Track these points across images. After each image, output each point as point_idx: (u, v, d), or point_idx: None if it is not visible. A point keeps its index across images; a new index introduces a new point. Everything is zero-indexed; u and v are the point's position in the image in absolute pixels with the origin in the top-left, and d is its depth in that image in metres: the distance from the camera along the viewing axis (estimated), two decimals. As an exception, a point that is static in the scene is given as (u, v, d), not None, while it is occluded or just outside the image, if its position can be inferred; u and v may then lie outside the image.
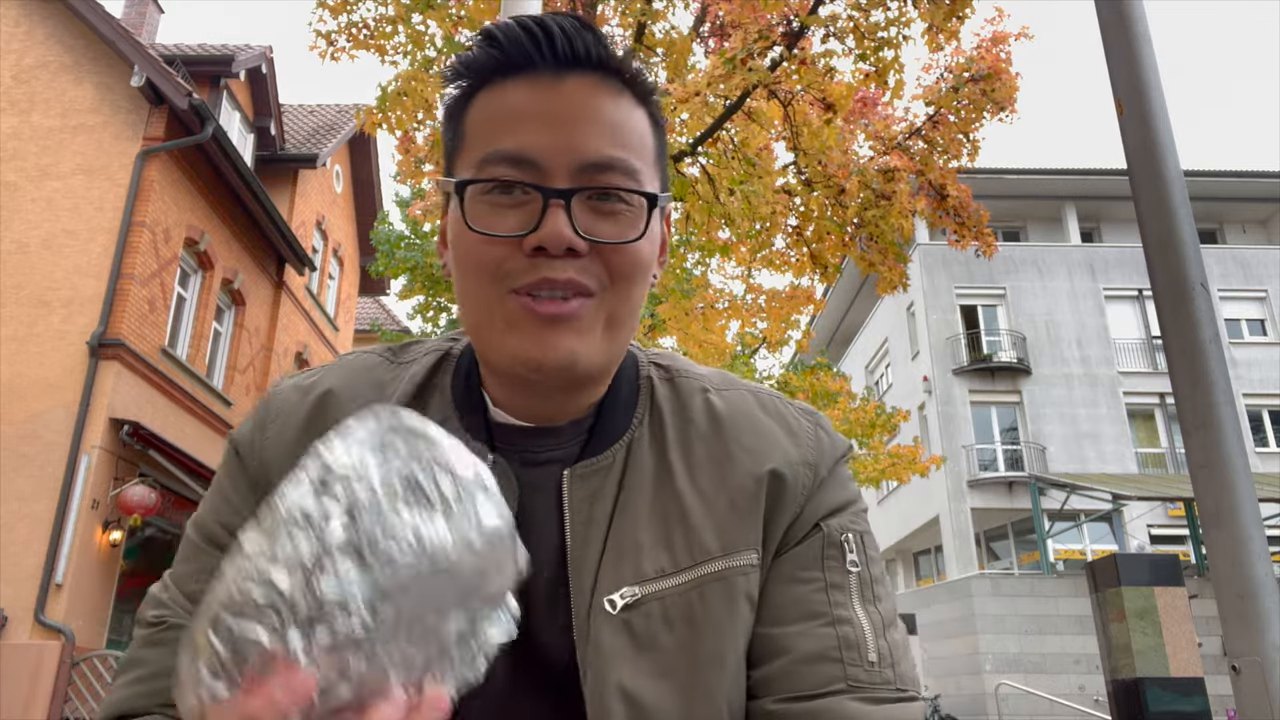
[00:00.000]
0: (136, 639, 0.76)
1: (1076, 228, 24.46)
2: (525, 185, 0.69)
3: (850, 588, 0.75)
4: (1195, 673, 7.44)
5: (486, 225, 0.70)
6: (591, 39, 0.72)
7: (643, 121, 0.75)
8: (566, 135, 0.70)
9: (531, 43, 0.71)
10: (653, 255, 0.75)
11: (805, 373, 14.81)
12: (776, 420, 0.81)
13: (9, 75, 11.43)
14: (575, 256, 0.69)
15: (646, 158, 0.74)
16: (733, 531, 0.75)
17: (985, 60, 10.25)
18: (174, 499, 11.43)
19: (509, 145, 0.70)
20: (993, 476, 21.38)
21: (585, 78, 0.72)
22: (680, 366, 0.86)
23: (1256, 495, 1.58)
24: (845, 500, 0.80)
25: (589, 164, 0.70)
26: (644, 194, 0.72)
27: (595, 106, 0.71)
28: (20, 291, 10.53)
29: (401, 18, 7.97)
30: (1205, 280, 1.70)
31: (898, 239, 9.81)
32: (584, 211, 0.70)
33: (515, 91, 0.72)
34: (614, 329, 0.73)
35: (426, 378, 0.81)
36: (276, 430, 0.78)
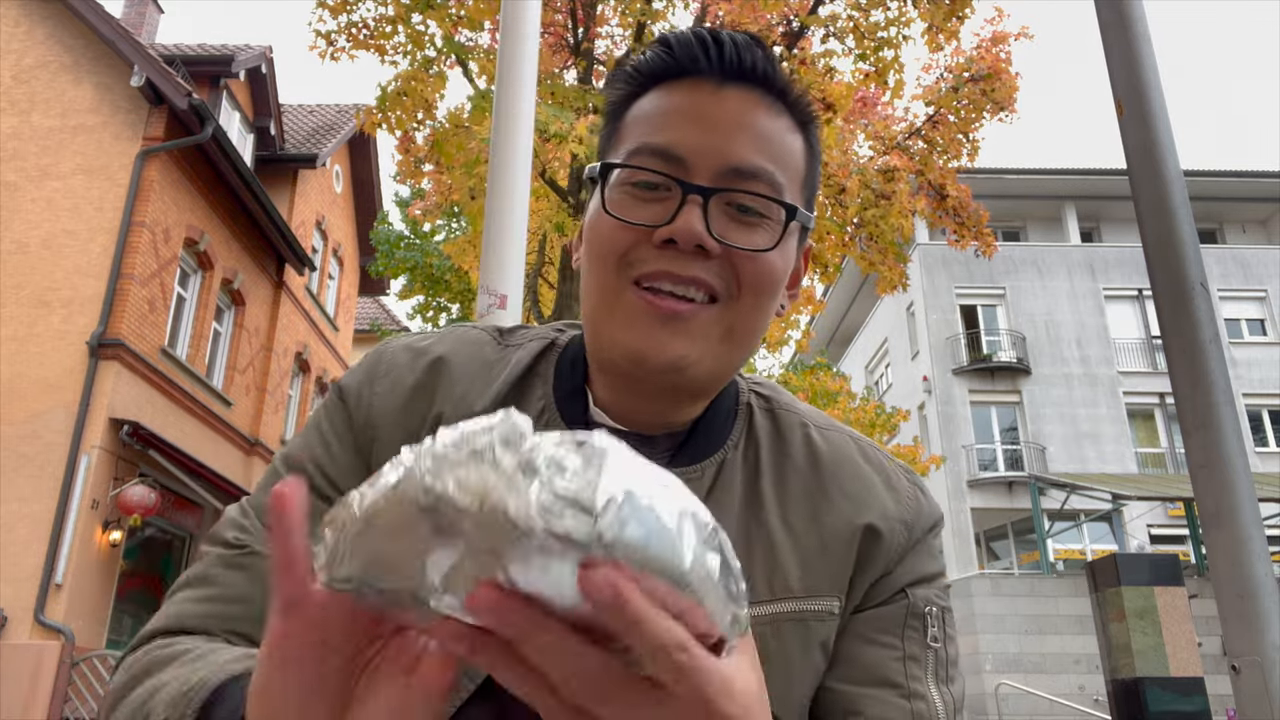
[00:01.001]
0: (209, 557, 0.73)
1: (1076, 228, 24.47)
2: (667, 178, 0.70)
3: (927, 663, 0.74)
4: (1195, 673, 7.45)
5: (624, 213, 0.71)
6: (760, 55, 0.74)
7: (798, 144, 0.76)
8: (718, 138, 0.71)
9: (701, 49, 0.73)
10: (784, 273, 0.74)
11: (805, 373, 14.82)
12: (878, 472, 0.80)
13: (9, 75, 11.43)
14: (704, 257, 0.69)
15: (794, 178, 0.74)
16: (818, 575, 0.74)
17: (985, 60, 10.25)
18: (174, 499, 11.43)
19: (659, 139, 0.71)
20: (993, 476, 21.38)
21: (748, 91, 0.73)
22: (782, 399, 0.85)
23: (1256, 495, 1.58)
24: (934, 572, 0.79)
25: (734, 168, 0.70)
26: (784, 204, 0.72)
27: (753, 117, 0.72)
28: (20, 291, 10.53)
29: (401, 18, 7.97)
30: (1205, 280, 1.70)
31: (898, 239, 9.82)
32: (721, 215, 0.70)
33: (676, 93, 0.73)
34: (732, 341, 0.72)
35: (531, 364, 0.80)
36: (386, 386, 0.77)
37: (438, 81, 8.06)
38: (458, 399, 0.76)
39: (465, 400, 0.76)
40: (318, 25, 8.39)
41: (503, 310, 2.38)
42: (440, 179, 9.85)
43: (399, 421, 0.76)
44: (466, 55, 8.27)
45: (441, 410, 0.76)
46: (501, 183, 2.52)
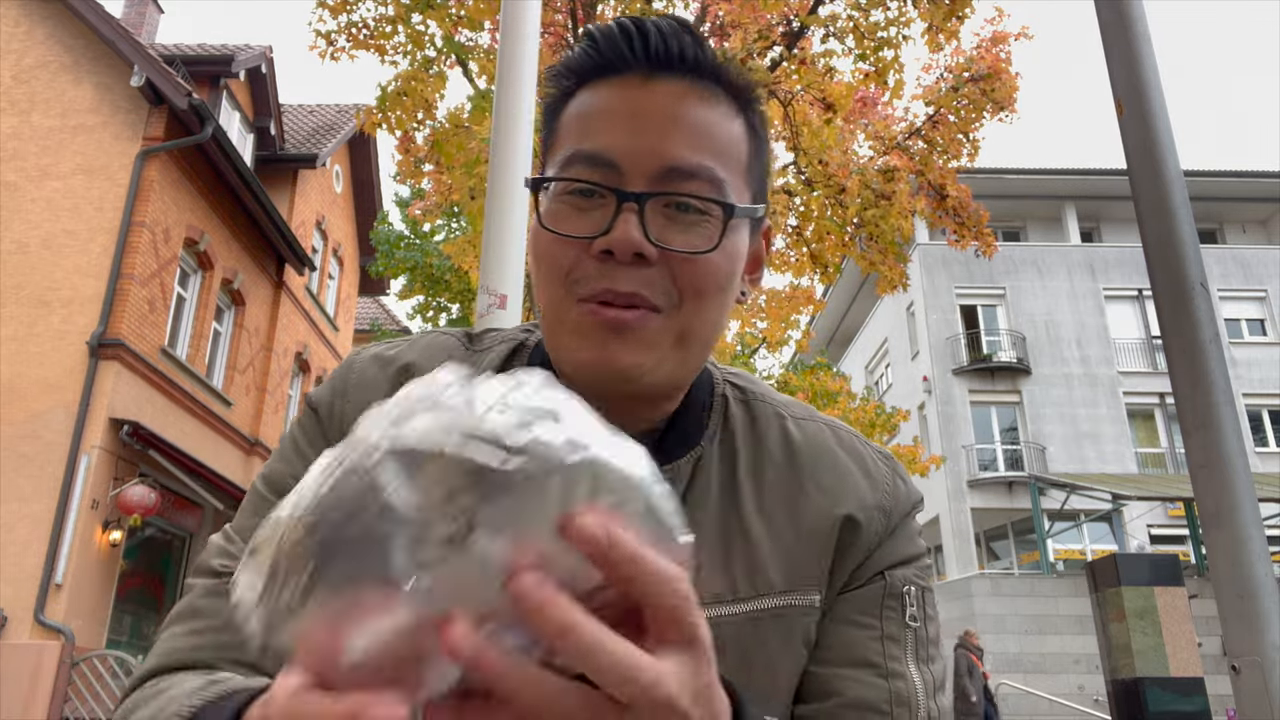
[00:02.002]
0: (197, 589, 0.71)
1: (1076, 228, 24.47)
2: (601, 187, 0.68)
3: (906, 642, 0.74)
4: (1195, 673, 7.45)
5: (560, 225, 0.69)
6: (690, 41, 0.71)
7: (738, 129, 0.73)
8: (650, 138, 0.68)
9: (626, 42, 0.70)
10: (732, 271, 0.72)
11: (805, 373, 14.82)
12: (854, 460, 0.80)
13: (9, 75, 11.43)
14: (644, 264, 0.67)
15: (735, 168, 0.72)
16: (799, 570, 0.73)
17: (985, 60, 10.25)
18: (174, 499, 11.43)
19: (590, 145, 0.69)
20: (993, 476, 21.38)
21: (678, 81, 0.70)
22: (757, 390, 0.84)
23: (1256, 495, 1.58)
24: (913, 554, 0.79)
25: (670, 169, 0.68)
26: (721, 204, 0.69)
27: (684, 110, 0.69)
28: (20, 291, 10.53)
29: (401, 18, 7.97)
30: (1205, 280, 1.70)
31: (898, 239, 9.82)
32: (658, 218, 0.68)
33: (606, 92, 0.71)
34: (685, 346, 0.70)
35: (502, 367, 0.80)
36: (358, 398, 0.77)
37: (438, 81, 8.06)
38: None
39: None
40: (318, 25, 8.39)
41: (503, 310, 2.39)
42: (440, 179, 9.85)
43: None
44: (466, 55, 8.27)
45: None
46: (501, 183, 2.52)
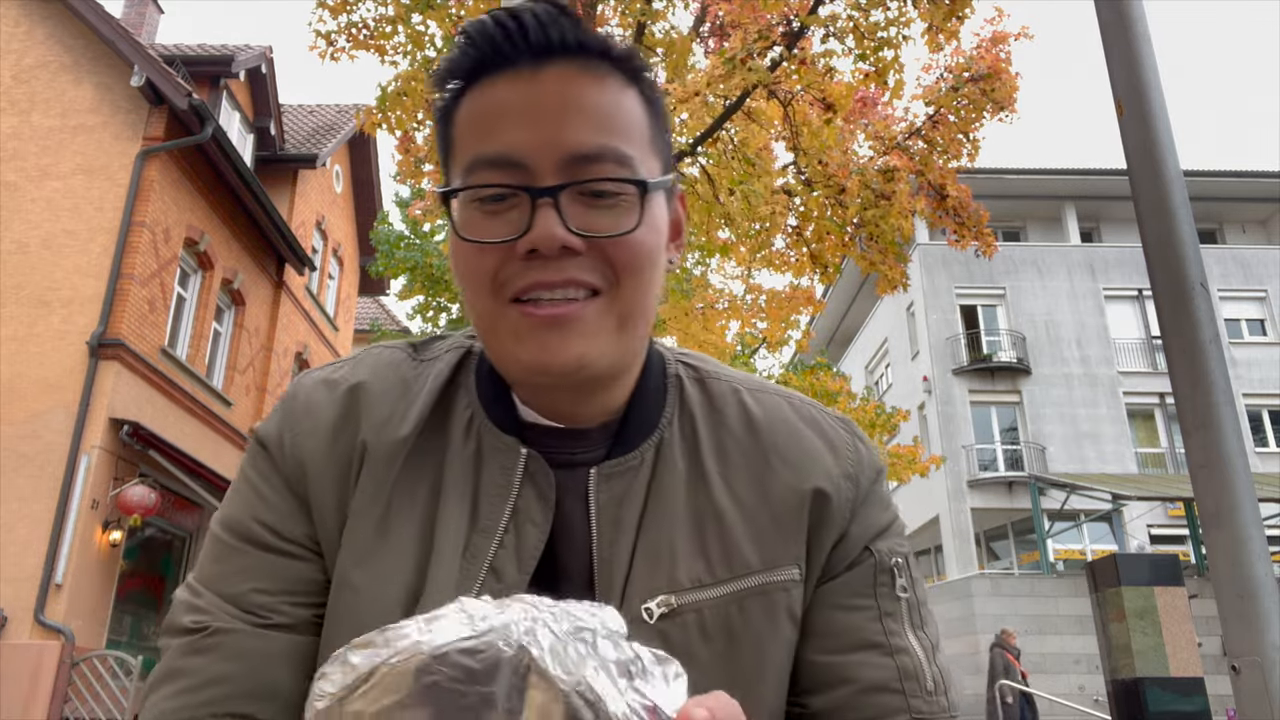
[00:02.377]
0: (173, 649, 0.70)
1: (1076, 228, 24.46)
2: (511, 188, 0.67)
3: (902, 615, 0.75)
4: (1195, 673, 7.44)
5: (478, 233, 0.68)
6: (568, 23, 0.69)
7: (633, 102, 0.72)
8: (549, 129, 0.67)
9: (505, 36, 0.69)
10: (658, 242, 0.72)
11: (805, 373, 14.82)
12: (815, 431, 0.80)
13: (9, 75, 11.43)
14: (572, 255, 0.66)
15: (639, 141, 0.71)
16: (774, 546, 0.73)
17: (985, 60, 10.25)
18: (174, 499, 11.43)
19: (492, 148, 0.68)
20: (993, 476, 21.38)
21: (566, 66, 0.69)
22: (709, 367, 0.84)
23: (1256, 495, 1.58)
24: (889, 521, 0.79)
25: (575, 156, 0.67)
26: (633, 181, 0.68)
27: (577, 94, 0.68)
28: (20, 291, 10.53)
29: (401, 18, 7.97)
30: (1205, 280, 1.70)
31: (898, 239, 9.82)
32: (575, 206, 0.67)
33: (496, 89, 0.69)
34: (627, 326, 0.70)
35: (451, 375, 0.79)
36: (308, 426, 0.76)
37: (438, 81, 8.05)
38: (380, 425, 0.75)
39: (389, 426, 0.75)
40: (318, 25, 8.39)
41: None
42: (440, 179, 9.83)
43: (327, 458, 0.74)
44: (466, 55, 8.25)
45: (365, 439, 0.74)
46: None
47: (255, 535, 0.73)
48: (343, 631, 0.67)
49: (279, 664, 0.69)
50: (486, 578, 0.69)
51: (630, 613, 0.69)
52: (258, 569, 0.72)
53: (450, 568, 0.69)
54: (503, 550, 0.70)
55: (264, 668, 0.69)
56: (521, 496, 0.71)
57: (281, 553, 0.73)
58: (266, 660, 0.69)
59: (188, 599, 0.72)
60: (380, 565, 0.70)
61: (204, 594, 0.72)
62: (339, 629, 0.69)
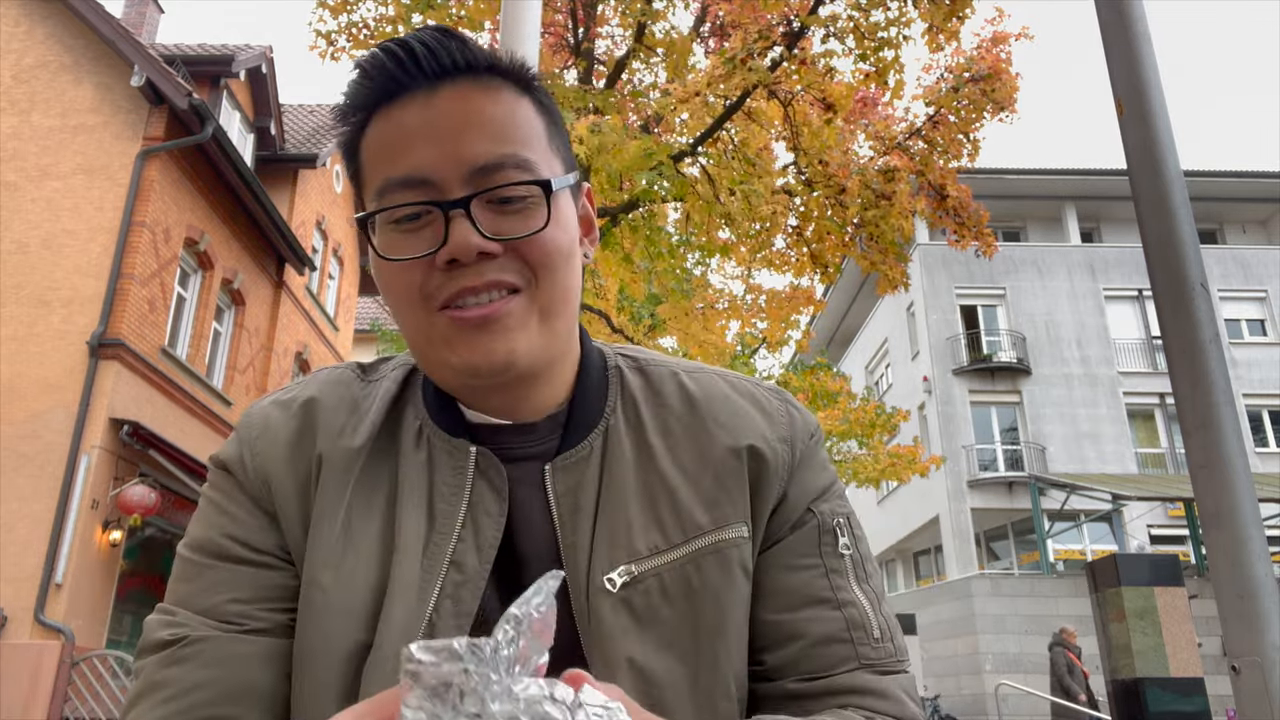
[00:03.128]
0: (151, 664, 0.71)
1: (1076, 228, 24.47)
2: (423, 204, 0.70)
3: (847, 570, 0.79)
4: (1195, 673, 7.44)
5: (399, 252, 0.71)
6: (455, 45, 0.73)
7: (527, 110, 0.76)
8: (451, 145, 0.71)
9: (397, 65, 0.72)
10: (571, 239, 0.76)
11: (805, 373, 14.81)
12: (748, 399, 0.84)
13: (9, 75, 11.43)
14: (490, 259, 0.70)
15: (538, 146, 0.75)
16: (721, 505, 0.77)
17: (985, 60, 10.25)
18: (174, 499, 11.43)
19: (400, 170, 0.71)
20: (993, 476, 21.37)
21: (459, 84, 0.73)
22: (647, 356, 0.88)
23: (1256, 495, 1.58)
24: (827, 483, 0.84)
25: (479, 168, 0.71)
26: (537, 183, 0.72)
27: (474, 110, 0.72)
28: (20, 291, 10.53)
29: (401, 18, 7.97)
30: (1205, 280, 1.70)
31: (898, 239, 9.82)
32: (486, 214, 0.71)
33: (395, 114, 0.73)
34: (550, 319, 0.74)
35: (398, 392, 0.83)
36: (266, 444, 0.79)
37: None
38: (335, 436, 0.79)
39: (342, 437, 0.78)
40: (318, 25, 8.40)
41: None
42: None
43: (288, 470, 0.77)
44: (466, 55, 8.24)
45: (321, 450, 0.78)
46: (501, 183, 2.51)
47: (227, 550, 0.75)
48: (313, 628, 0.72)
49: (257, 666, 0.71)
50: (449, 571, 0.72)
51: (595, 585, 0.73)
52: (232, 581, 0.74)
53: (413, 564, 0.72)
54: (462, 544, 0.73)
55: (243, 670, 0.71)
56: (475, 491, 0.75)
57: (255, 564, 0.75)
58: (245, 663, 0.71)
59: (161, 619, 0.74)
60: (345, 565, 0.73)
61: (178, 612, 0.73)
62: (310, 626, 0.73)
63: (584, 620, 0.72)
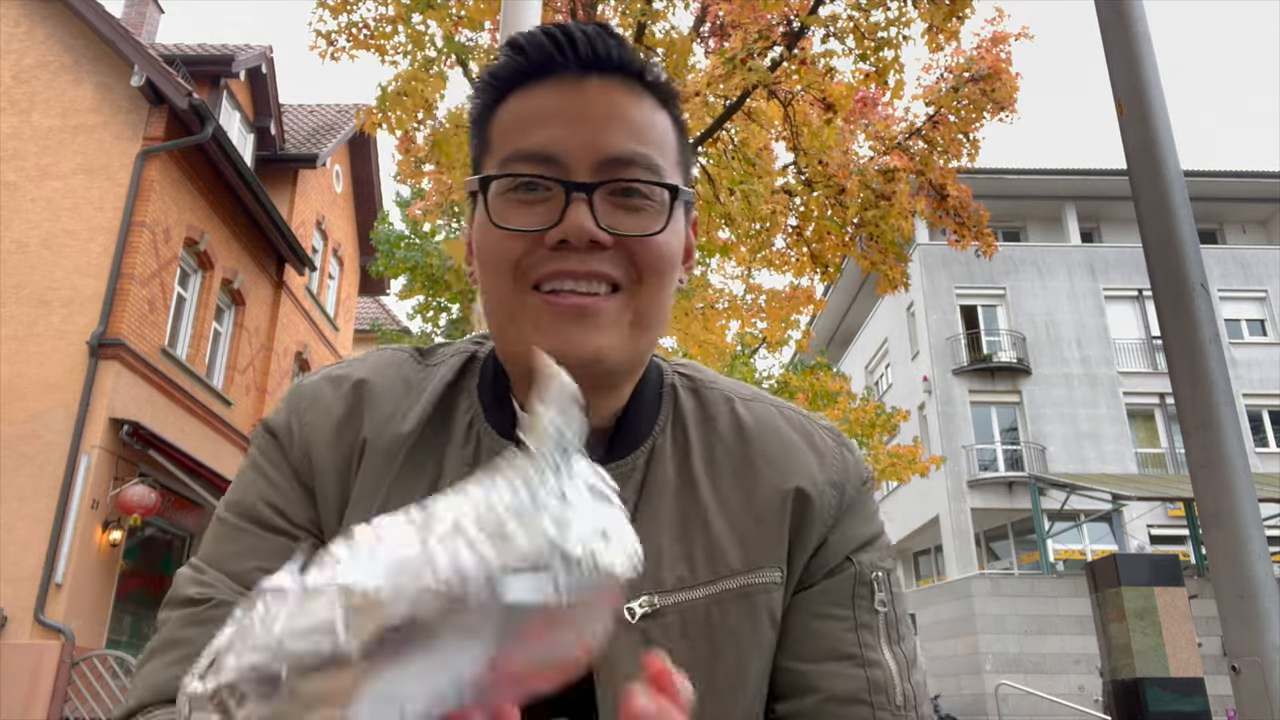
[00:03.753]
0: (174, 619, 0.72)
1: (1076, 228, 24.46)
2: (548, 180, 0.70)
3: (879, 628, 0.76)
4: (1195, 673, 7.45)
5: (510, 221, 0.71)
6: (614, 43, 0.74)
7: (665, 122, 0.76)
8: (588, 132, 0.71)
9: (554, 47, 0.73)
10: (678, 252, 0.75)
11: (805, 373, 14.81)
12: (802, 436, 0.81)
13: (9, 75, 11.43)
14: (599, 250, 0.69)
15: (669, 156, 0.75)
16: (756, 547, 0.75)
17: (985, 60, 10.25)
18: (174, 499, 11.43)
19: (531, 143, 0.71)
20: (993, 476, 21.37)
21: (607, 80, 0.73)
22: (705, 376, 0.86)
23: (1256, 495, 1.58)
24: (873, 534, 0.80)
25: (611, 159, 0.71)
26: (666, 186, 0.72)
27: (617, 105, 0.73)
28: (20, 291, 10.53)
29: (401, 18, 7.96)
30: (1205, 280, 1.70)
31: (898, 239, 9.82)
32: (607, 206, 0.70)
33: (539, 94, 0.73)
34: (641, 326, 0.73)
35: (455, 379, 0.81)
36: (314, 418, 0.78)
37: (438, 81, 8.06)
38: (383, 421, 0.78)
39: (391, 422, 0.77)
40: (318, 25, 8.39)
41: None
42: (440, 179, 9.86)
43: (332, 450, 0.77)
44: (467, 55, 8.26)
45: (366, 436, 0.77)
46: (501, 183, 2.51)
47: (262, 516, 0.75)
48: None
49: None
50: None
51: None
52: (262, 549, 0.74)
53: None
54: None
55: None
56: None
57: (286, 534, 0.74)
58: None
59: (191, 574, 0.74)
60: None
61: (208, 571, 0.74)
62: None
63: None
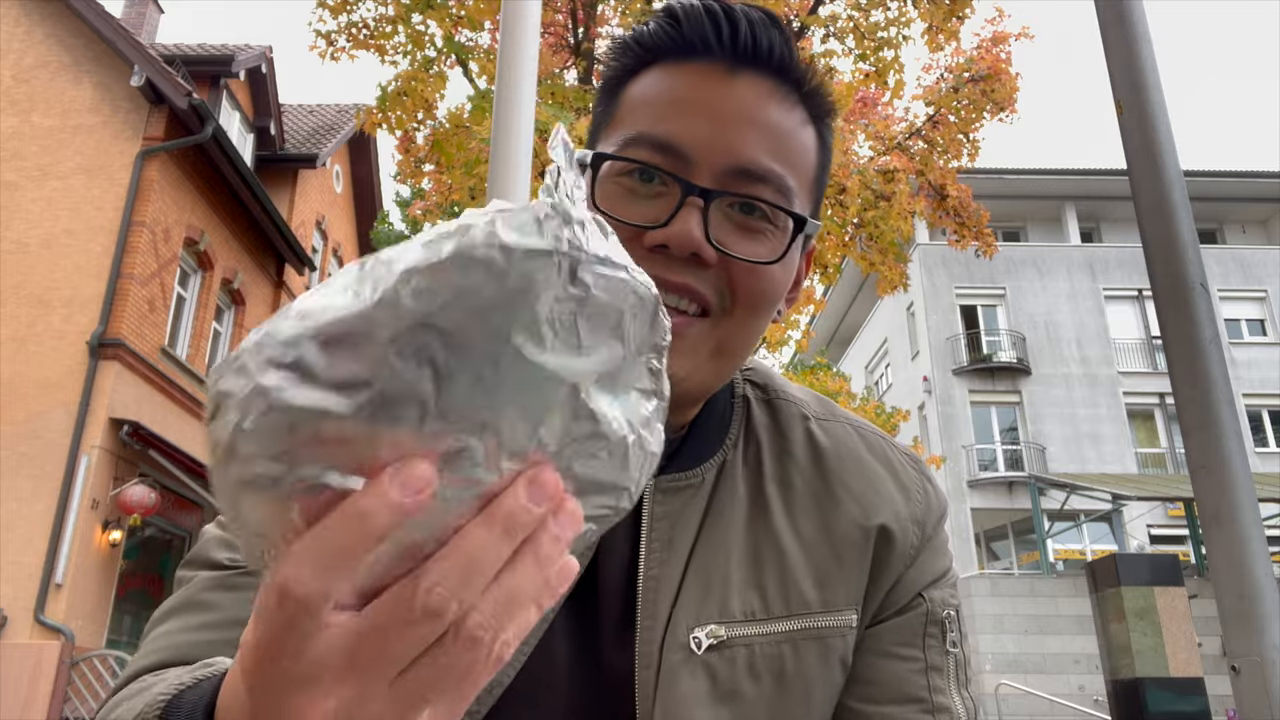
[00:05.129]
0: (199, 581, 0.66)
1: (1076, 228, 24.47)
2: (665, 174, 0.64)
3: (949, 671, 0.72)
4: (1195, 673, 7.45)
5: (614, 210, 0.64)
6: (778, 37, 0.67)
7: (810, 140, 0.69)
8: (724, 133, 0.64)
9: (713, 27, 0.66)
10: (784, 285, 0.68)
11: (805, 373, 14.82)
12: (884, 466, 0.76)
13: (9, 75, 11.43)
14: (700, 264, 0.63)
15: (804, 179, 0.68)
16: (835, 585, 0.70)
17: (985, 60, 10.25)
18: (174, 499, 11.43)
19: (660, 129, 0.65)
20: (992, 476, 21.38)
21: (761, 78, 0.67)
22: (777, 385, 0.80)
23: (1256, 495, 1.58)
24: (944, 569, 0.76)
25: (741, 169, 0.64)
26: (792, 214, 0.65)
27: (763, 110, 0.66)
28: (20, 291, 10.53)
29: (401, 18, 7.97)
30: (1205, 280, 1.70)
31: (898, 239, 9.82)
32: (722, 220, 0.64)
33: (682, 75, 0.66)
34: (724, 357, 0.67)
35: None
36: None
37: (438, 81, 8.06)
38: None
39: None
40: (318, 25, 8.40)
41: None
42: (440, 179, 9.85)
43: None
44: (466, 55, 8.27)
45: None
46: (501, 183, 2.52)
47: None
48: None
49: None
50: None
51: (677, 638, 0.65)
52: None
53: None
54: None
55: None
56: None
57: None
58: None
59: (222, 537, 0.69)
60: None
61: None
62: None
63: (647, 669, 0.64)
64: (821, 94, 0.70)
